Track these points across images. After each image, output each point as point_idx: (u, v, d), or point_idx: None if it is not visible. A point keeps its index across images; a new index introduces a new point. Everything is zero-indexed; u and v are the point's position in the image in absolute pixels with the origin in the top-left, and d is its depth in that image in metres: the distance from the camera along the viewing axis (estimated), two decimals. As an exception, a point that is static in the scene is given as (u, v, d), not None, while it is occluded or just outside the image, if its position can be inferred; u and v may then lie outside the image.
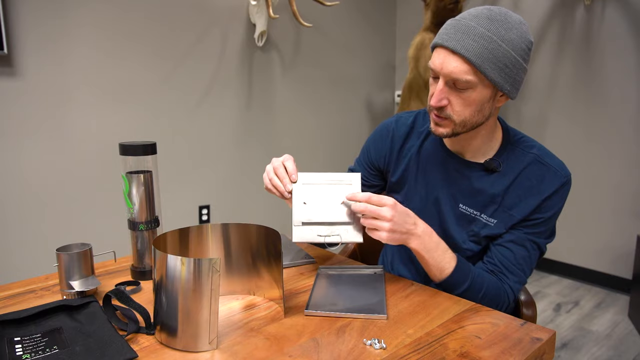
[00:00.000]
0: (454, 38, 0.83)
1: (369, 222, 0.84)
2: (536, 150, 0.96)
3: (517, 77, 0.85)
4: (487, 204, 0.95)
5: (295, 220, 0.89)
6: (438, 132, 0.92)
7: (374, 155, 1.10)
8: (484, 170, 0.96)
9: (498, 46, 0.81)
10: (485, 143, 0.96)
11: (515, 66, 0.84)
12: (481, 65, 0.81)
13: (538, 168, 0.94)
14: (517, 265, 0.94)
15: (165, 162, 2.35)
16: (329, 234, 0.87)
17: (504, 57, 0.82)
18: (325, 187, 0.90)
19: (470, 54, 0.81)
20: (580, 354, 1.96)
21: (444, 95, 0.86)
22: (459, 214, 0.98)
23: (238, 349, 0.70)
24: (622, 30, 2.41)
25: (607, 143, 2.53)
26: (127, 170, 0.94)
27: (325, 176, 0.91)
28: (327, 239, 0.87)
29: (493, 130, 0.96)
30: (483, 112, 0.88)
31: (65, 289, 0.85)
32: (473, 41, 0.81)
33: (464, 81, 0.83)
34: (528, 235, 0.94)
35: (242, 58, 2.62)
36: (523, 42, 0.83)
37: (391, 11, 3.44)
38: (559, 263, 2.79)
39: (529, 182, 0.93)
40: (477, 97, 0.85)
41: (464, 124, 0.88)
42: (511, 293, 0.95)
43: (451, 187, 0.99)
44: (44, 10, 1.94)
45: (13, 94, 1.91)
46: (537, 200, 0.92)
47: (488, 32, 0.81)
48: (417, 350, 0.69)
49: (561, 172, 0.93)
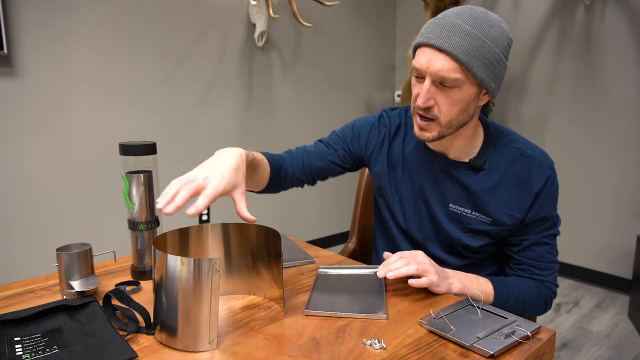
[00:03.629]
0: (440, 36, 0.81)
1: (415, 266, 0.84)
2: (518, 144, 0.97)
3: (500, 75, 0.86)
4: (477, 202, 0.96)
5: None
6: (424, 137, 0.90)
7: (362, 143, 1.08)
8: (469, 169, 0.96)
9: (484, 43, 0.81)
10: (468, 143, 0.96)
11: (499, 63, 0.84)
12: (468, 62, 0.81)
13: (523, 162, 0.95)
14: (545, 259, 0.98)
15: (165, 162, 2.35)
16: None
17: (489, 54, 0.82)
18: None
19: (457, 51, 0.80)
20: (580, 354, 1.96)
21: (430, 96, 0.85)
22: (450, 213, 0.99)
23: (238, 349, 0.70)
24: (622, 30, 2.42)
25: (607, 143, 2.53)
26: (127, 170, 0.94)
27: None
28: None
29: (475, 129, 0.96)
30: (468, 111, 0.88)
31: (65, 289, 0.85)
32: (460, 39, 0.80)
33: (452, 79, 0.82)
34: (542, 233, 0.97)
35: (242, 58, 2.62)
36: (504, 39, 0.84)
37: (391, 11, 3.44)
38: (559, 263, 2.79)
39: (518, 177, 0.94)
40: (463, 95, 0.85)
41: (450, 124, 0.88)
42: (552, 285, 0.99)
43: (439, 187, 0.99)
44: (44, 11, 1.94)
45: (13, 94, 1.91)
46: (530, 196, 0.93)
47: (473, 29, 0.81)
48: (417, 350, 0.69)
49: (545, 163, 0.95)
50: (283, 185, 1.06)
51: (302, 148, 1.10)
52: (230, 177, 0.75)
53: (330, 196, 3.22)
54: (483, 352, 0.67)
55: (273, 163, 1.02)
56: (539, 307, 0.99)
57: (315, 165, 1.07)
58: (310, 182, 1.11)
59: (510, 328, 0.73)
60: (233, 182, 0.76)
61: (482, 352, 0.67)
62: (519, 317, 0.77)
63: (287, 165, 1.06)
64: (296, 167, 1.07)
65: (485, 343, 0.68)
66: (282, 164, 1.05)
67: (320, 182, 1.14)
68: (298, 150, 1.09)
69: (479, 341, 0.69)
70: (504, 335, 0.71)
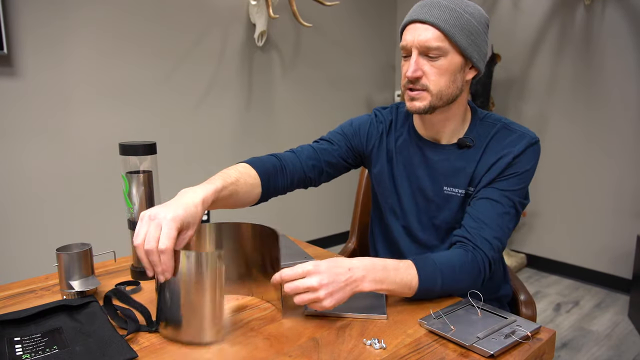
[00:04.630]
0: (421, 12, 0.90)
1: (302, 298, 0.75)
2: (503, 120, 1.00)
3: (482, 48, 0.93)
4: (470, 180, 0.97)
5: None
6: (415, 107, 0.93)
7: (363, 139, 1.09)
8: (458, 148, 0.99)
9: (461, 15, 0.89)
10: (459, 124, 1.00)
11: (479, 35, 0.91)
12: (449, 30, 0.88)
13: (505, 133, 0.97)
14: (495, 219, 0.91)
15: (165, 162, 2.35)
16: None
17: (468, 25, 0.89)
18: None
19: (439, 21, 0.88)
20: (580, 354, 1.96)
21: (418, 67, 0.91)
22: (445, 196, 1.00)
23: (238, 349, 0.70)
24: (622, 30, 2.42)
25: (607, 143, 2.53)
26: (127, 170, 0.95)
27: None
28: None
29: (464, 111, 1.00)
30: (456, 83, 0.93)
31: (65, 289, 0.85)
32: (440, 11, 0.89)
33: (436, 47, 0.88)
34: (502, 191, 0.93)
35: (242, 58, 2.62)
36: (481, 17, 0.92)
37: (391, 11, 3.44)
38: (559, 263, 2.79)
39: (498, 145, 0.96)
40: (449, 65, 0.90)
41: (440, 95, 0.92)
42: (484, 257, 0.88)
43: (432, 172, 1.01)
44: (44, 11, 1.94)
45: (13, 94, 1.91)
46: (508, 159, 0.94)
47: (451, 4, 0.90)
48: (417, 350, 0.69)
49: (528, 134, 0.96)
50: (283, 189, 1.01)
51: (308, 146, 1.07)
52: (183, 216, 0.72)
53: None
54: (483, 352, 0.67)
55: (261, 175, 0.96)
56: (475, 280, 0.88)
57: (325, 160, 1.05)
58: (316, 181, 1.06)
59: (510, 328, 0.73)
60: (186, 222, 0.72)
61: (482, 352, 0.67)
62: (518, 317, 0.77)
63: (291, 166, 1.01)
64: (305, 165, 1.03)
65: (485, 343, 0.68)
66: (281, 169, 1.00)
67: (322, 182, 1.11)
68: (303, 148, 1.06)
69: (478, 341, 0.69)
70: (503, 335, 0.71)
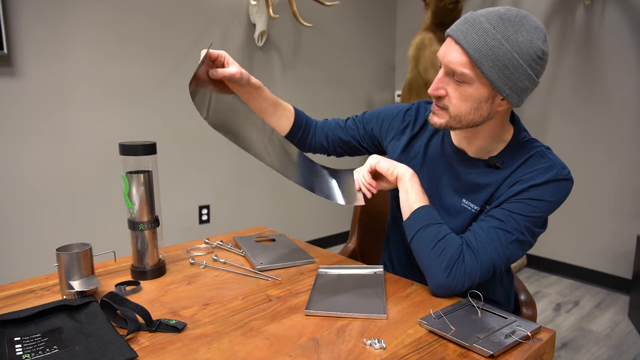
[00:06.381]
0: (459, 29, 0.83)
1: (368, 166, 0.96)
2: (543, 148, 0.94)
3: (518, 82, 0.82)
4: (488, 199, 0.95)
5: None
6: (432, 122, 0.92)
7: (383, 129, 1.12)
8: (486, 166, 0.95)
9: (500, 45, 0.79)
10: (490, 144, 0.94)
11: (517, 70, 0.81)
12: (478, 59, 0.80)
13: (537, 160, 0.91)
14: (478, 233, 0.88)
15: (165, 162, 2.35)
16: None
17: (504, 57, 0.79)
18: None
19: (469, 46, 0.80)
20: (580, 353, 1.96)
21: (442, 85, 0.87)
22: (461, 208, 0.98)
23: (238, 349, 0.70)
24: (622, 30, 2.42)
25: (607, 143, 2.53)
26: (127, 170, 0.95)
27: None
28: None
29: (499, 133, 0.94)
30: (480, 112, 0.86)
31: (65, 289, 0.85)
32: (475, 35, 0.80)
33: (460, 73, 0.83)
34: (510, 212, 0.88)
35: (242, 58, 2.62)
36: (531, 47, 0.80)
37: (391, 11, 3.44)
38: (559, 263, 2.79)
39: (525, 170, 0.91)
40: (473, 93, 0.84)
41: (459, 119, 0.87)
42: (471, 258, 0.86)
43: (454, 181, 0.99)
44: (44, 11, 1.94)
45: (13, 94, 1.91)
46: (524, 185, 0.89)
47: (494, 29, 0.79)
48: (417, 350, 0.69)
49: (559, 167, 0.89)
50: (308, 146, 1.15)
51: (334, 120, 1.18)
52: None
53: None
54: (483, 352, 0.67)
55: (297, 116, 1.11)
56: (443, 259, 0.86)
57: (337, 136, 1.15)
58: (333, 152, 1.18)
59: (510, 328, 0.73)
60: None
61: (482, 352, 0.67)
62: (519, 317, 0.77)
63: (314, 129, 1.15)
64: (322, 135, 1.15)
65: (485, 343, 0.68)
66: (309, 124, 1.14)
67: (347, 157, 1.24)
68: (331, 120, 1.17)
69: (478, 341, 0.69)
70: (503, 335, 0.71)
